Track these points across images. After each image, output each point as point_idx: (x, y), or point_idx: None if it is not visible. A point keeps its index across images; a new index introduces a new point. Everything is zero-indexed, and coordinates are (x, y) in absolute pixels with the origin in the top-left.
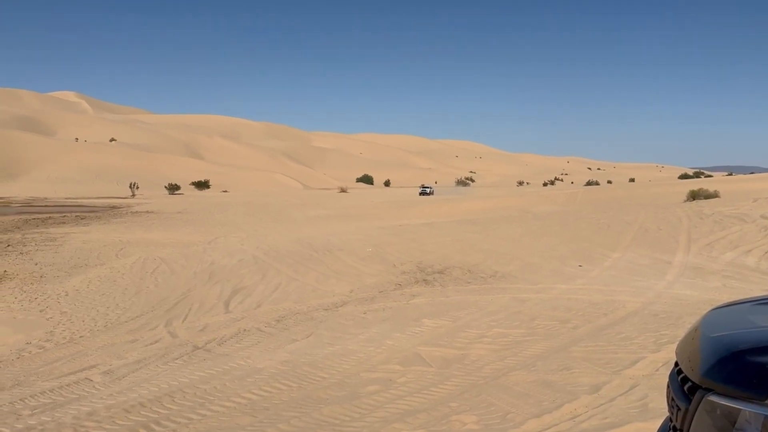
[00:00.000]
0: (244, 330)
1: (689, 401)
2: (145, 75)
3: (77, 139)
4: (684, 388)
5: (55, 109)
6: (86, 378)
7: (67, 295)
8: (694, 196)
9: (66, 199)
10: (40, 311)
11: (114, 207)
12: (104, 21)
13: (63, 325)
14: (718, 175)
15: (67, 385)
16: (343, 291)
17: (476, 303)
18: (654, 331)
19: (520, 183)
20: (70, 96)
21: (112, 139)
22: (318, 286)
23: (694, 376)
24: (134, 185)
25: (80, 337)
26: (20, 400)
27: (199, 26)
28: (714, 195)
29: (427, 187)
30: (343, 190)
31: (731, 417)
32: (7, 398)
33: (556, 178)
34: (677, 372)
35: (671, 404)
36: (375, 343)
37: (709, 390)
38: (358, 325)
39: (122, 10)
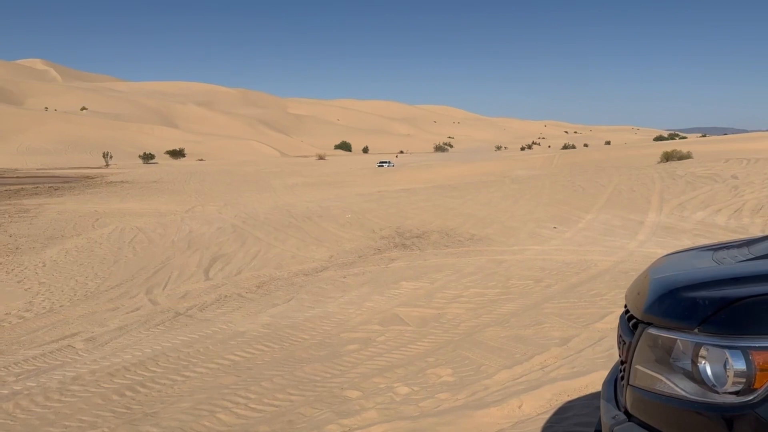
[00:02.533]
0: (225, 296)
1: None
2: (116, 41)
3: (47, 108)
4: (630, 325)
5: (22, 77)
6: (69, 345)
7: (44, 265)
8: (667, 157)
9: (38, 170)
10: (18, 282)
11: (88, 177)
12: None
13: (42, 295)
14: (692, 137)
15: (50, 353)
16: (323, 257)
17: (454, 265)
18: (623, 287)
19: (498, 148)
20: (37, 63)
21: (83, 108)
22: (298, 252)
23: (638, 313)
24: (108, 155)
25: (60, 306)
26: (4, 367)
27: None
28: (687, 156)
29: (385, 162)
30: (321, 158)
31: (668, 348)
32: None
33: (533, 142)
34: (626, 312)
35: (619, 341)
36: (355, 306)
37: (649, 324)
38: (338, 288)
39: None
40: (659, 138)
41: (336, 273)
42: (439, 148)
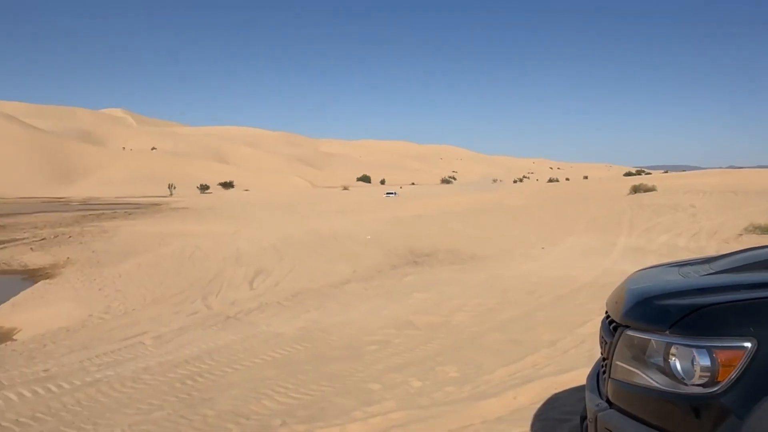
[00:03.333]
0: (266, 303)
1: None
2: (182, 93)
3: (124, 148)
4: (610, 328)
5: (105, 123)
6: (140, 342)
7: (120, 276)
8: (635, 190)
9: (116, 198)
10: (99, 290)
11: (155, 204)
12: (145, 45)
13: (118, 300)
14: (656, 173)
15: (125, 348)
16: (347, 271)
17: (459, 279)
18: (602, 298)
19: (495, 180)
20: (117, 112)
21: (153, 148)
22: (326, 267)
23: (617, 317)
24: (172, 186)
25: (133, 309)
26: (87, 359)
27: (221, 48)
28: (652, 189)
29: (391, 193)
30: (345, 189)
31: (643, 347)
32: (76, 358)
33: (524, 176)
34: (606, 317)
35: (601, 341)
36: (374, 313)
37: (627, 327)
38: (360, 299)
39: (159, 35)
40: (628, 174)
41: (358, 285)
42: (445, 181)
